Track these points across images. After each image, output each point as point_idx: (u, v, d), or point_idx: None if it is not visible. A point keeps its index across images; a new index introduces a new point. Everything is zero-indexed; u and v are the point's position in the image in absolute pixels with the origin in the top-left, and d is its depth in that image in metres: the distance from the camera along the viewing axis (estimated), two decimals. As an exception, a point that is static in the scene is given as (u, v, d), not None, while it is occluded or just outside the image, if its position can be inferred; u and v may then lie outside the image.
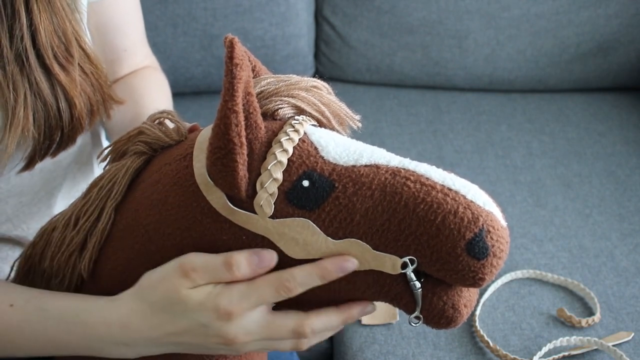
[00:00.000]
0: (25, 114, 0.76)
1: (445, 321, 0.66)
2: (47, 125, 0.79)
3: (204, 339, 0.68)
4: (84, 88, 0.81)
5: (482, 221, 0.62)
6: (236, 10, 1.50)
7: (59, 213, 0.77)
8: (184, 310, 0.67)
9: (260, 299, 0.66)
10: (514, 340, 1.06)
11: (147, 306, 0.69)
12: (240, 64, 0.61)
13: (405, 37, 1.56)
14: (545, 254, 1.20)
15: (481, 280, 0.63)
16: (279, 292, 0.65)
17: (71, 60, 0.79)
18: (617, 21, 1.54)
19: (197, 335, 0.68)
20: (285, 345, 0.69)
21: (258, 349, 0.69)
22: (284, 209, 0.65)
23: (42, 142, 0.80)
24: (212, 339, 0.67)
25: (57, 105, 0.78)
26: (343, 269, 0.65)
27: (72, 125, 0.81)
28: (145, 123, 0.74)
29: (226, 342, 0.67)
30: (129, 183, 0.72)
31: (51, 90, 0.78)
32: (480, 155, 1.43)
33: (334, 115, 0.72)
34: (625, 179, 1.37)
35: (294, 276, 0.65)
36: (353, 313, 0.69)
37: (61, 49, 0.78)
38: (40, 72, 0.77)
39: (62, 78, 0.78)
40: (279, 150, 0.65)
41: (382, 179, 0.64)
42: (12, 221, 0.90)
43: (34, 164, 0.82)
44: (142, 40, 1.03)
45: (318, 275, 0.65)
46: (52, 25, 0.77)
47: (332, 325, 0.69)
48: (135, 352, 0.71)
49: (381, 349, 1.06)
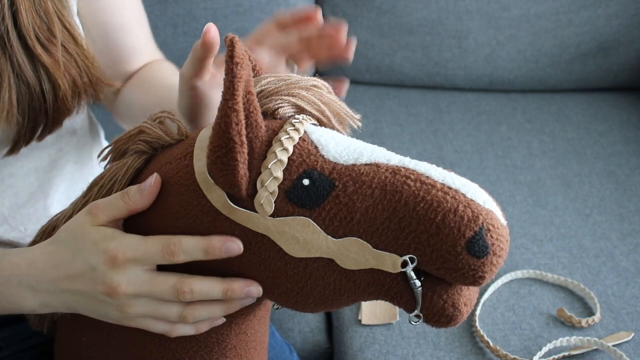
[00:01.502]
0: (9, 97, 0.76)
1: (445, 320, 0.66)
2: (31, 108, 0.78)
3: (92, 285, 0.68)
4: (69, 69, 0.80)
5: (482, 219, 0.62)
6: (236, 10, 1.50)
7: (60, 212, 0.77)
8: (81, 249, 0.68)
9: (146, 254, 0.67)
10: (514, 340, 1.06)
11: (55, 245, 0.70)
12: (240, 62, 0.61)
13: (405, 37, 1.56)
14: (545, 254, 1.20)
15: (481, 278, 0.63)
16: (164, 253, 0.67)
17: (54, 41, 0.78)
18: (617, 21, 1.54)
19: (87, 281, 0.68)
20: (171, 312, 0.69)
21: (144, 311, 0.69)
22: (284, 208, 0.65)
23: (27, 125, 0.79)
24: (98, 287, 0.68)
25: (40, 87, 0.78)
26: (228, 249, 0.66)
27: (56, 107, 0.80)
28: (146, 122, 0.74)
29: (109, 291, 0.67)
30: (130, 182, 0.73)
31: (34, 72, 0.77)
32: (480, 155, 1.43)
33: (334, 114, 0.72)
34: (625, 179, 1.37)
35: (180, 242, 0.66)
36: (234, 285, 0.68)
37: (43, 29, 0.77)
38: (22, 53, 0.76)
39: (44, 59, 0.77)
40: (279, 149, 0.65)
41: (382, 178, 0.64)
42: (9, 222, 0.89)
43: (18, 148, 0.82)
44: (148, 38, 1.03)
45: (203, 249, 0.66)
46: (34, 5, 0.76)
47: (213, 291, 0.68)
48: (41, 300, 0.71)
49: (381, 349, 1.06)
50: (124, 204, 0.68)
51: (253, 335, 0.76)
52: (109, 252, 0.67)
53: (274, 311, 1.14)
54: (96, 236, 0.68)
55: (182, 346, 0.74)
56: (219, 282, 0.68)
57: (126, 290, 0.67)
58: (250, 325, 0.75)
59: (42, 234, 0.77)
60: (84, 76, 0.82)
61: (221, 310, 0.70)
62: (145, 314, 0.69)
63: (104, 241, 0.68)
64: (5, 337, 0.91)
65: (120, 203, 0.68)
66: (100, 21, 0.93)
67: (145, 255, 0.67)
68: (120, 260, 0.67)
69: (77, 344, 0.78)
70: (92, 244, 0.68)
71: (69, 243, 0.69)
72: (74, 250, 0.69)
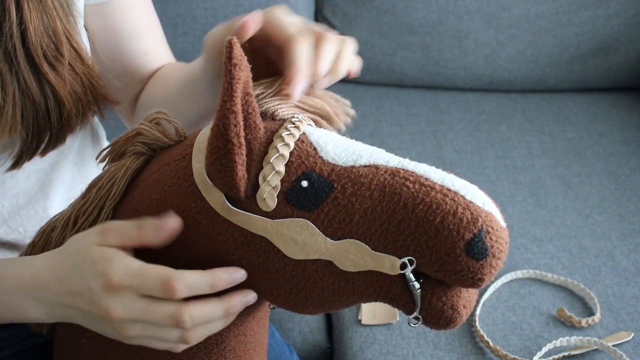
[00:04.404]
0: (13, 113, 0.76)
1: (444, 322, 0.66)
2: (35, 125, 0.78)
3: (89, 306, 0.67)
4: (74, 88, 0.80)
5: (481, 222, 0.62)
6: (236, 10, 1.49)
7: (58, 213, 0.77)
8: (81, 266, 0.67)
9: (142, 284, 0.65)
10: (514, 340, 1.06)
11: (60, 256, 0.69)
12: (238, 64, 0.61)
13: (405, 37, 1.55)
14: (545, 254, 1.20)
15: (480, 280, 0.63)
16: (164, 289, 0.64)
17: (61, 60, 0.78)
18: (617, 21, 1.54)
19: (85, 300, 0.67)
20: (171, 335, 0.67)
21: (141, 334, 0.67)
22: (283, 210, 0.65)
23: (30, 141, 0.79)
24: (94, 309, 0.66)
25: (45, 104, 0.78)
26: (234, 279, 0.66)
27: (60, 125, 0.80)
28: (143, 124, 0.74)
29: (103, 315, 0.66)
30: (128, 183, 0.72)
31: (40, 89, 0.77)
32: (480, 155, 1.43)
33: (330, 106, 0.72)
34: (625, 179, 1.37)
35: (185, 278, 0.65)
36: (234, 302, 0.68)
37: (51, 47, 0.77)
38: (29, 70, 0.76)
39: (51, 77, 0.77)
40: (280, 144, 0.65)
41: (381, 180, 0.64)
42: (9, 224, 0.89)
43: (21, 163, 0.81)
44: (163, 44, 1.01)
45: (208, 283, 0.65)
46: (42, 24, 0.76)
47: (214, 314, 0.67)
48: (45, 310, 0.70)
49: (381, 349, 1.06)
50: (136, 236, 0.66)
51: (252, 337, 0.76)
52: (105, 276, 0.65)
53: (273, 312, 1.14)
54: (96, 256, 0.66)
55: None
56: (219, 303, 0.67)
57: (122, 316, 0.66)
58: (249, 327, 0.75)
59: (41, 234, 0.77)
60: (89, 94, 0.82)
61: (222, 324, 0.69)
62: (144, 337, 0.68)
63: (101, 262, 0.66)
64: (5, 337, 0.91)
65: (133, 233, 0.67)
66: (111, 26, 0.92)
67: (141, 285, 0.65)
68: (115, 286, 0.65)
69: (76, 344, 0.78)
70: (91, 263, 0.66)
71: (72, 256, 0.68)
72: (75, 265, 0.67)
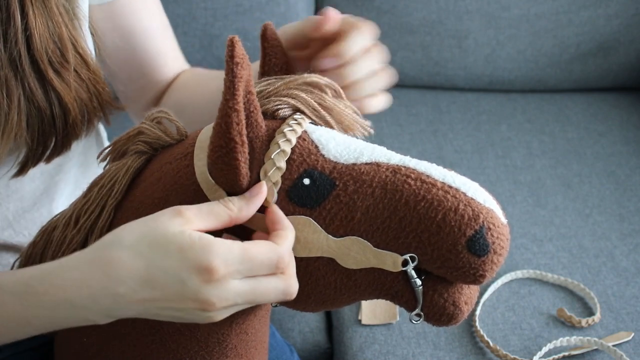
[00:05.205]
0: (18, 120, 0.75)
1: (446, 318, 0.66)
2: (41, 132, 0.78)
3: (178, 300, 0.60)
4: (80, 94, 0.80)
5: (482, 218, 0.63)
6: (236, 10, 1.50)
7: (60, 212, 0.77)
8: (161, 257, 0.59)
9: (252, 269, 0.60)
10: (514, 340, 1.06)
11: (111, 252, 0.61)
12: (240, 62, 0.61)
13: (405, 37, 1.56)
14: (545, 254, 1.20)
15: (482, 277, 0.64)
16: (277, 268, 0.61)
17: (66, 66, 0.78)
18: (617, 21, 1.54)
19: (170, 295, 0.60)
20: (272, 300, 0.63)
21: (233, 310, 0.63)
22: (285, 207, 0.65)
23: (36, 148, 0.79)
24: (189, 303, 0.60)
25: (51, 111, 0.77)
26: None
27: (66, 132, 0.80)
28: (144, 123, 0.74)
29: (204, 307, 0.60)
30: (130, 182, 0.72)
31: (45, 95, 0.77)
32: (480, 155, 1.43)
33: (337, 121, 0.71)
34: (625, 179, 1.37)
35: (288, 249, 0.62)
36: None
37: (56, 54, 0.77)
38: (34, 77, 0.76)
39: (56, 83, 0.77)
40: (282, 139, 0.65)
41: (383, 177, 0.65)
42: (14, 227, 0.89)
43: (27, 169, 0.81)
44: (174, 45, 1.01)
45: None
46: (48, 30, 0.76)
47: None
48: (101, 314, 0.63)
49: (381, 349, 1.06)
50: (226, 212, 0.62)
51: (254, 335, 0.76)
52: (203, 264, 0.58)
53: (273, 312, 1.14)
54: (182, 242, 0.59)
55: (183, 346, 0.73)
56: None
57: (226, 304, 0.61)
58: (251, 325, 0.75)
59: (42, 234, 0.76)
60: (94, 100, 0.82)
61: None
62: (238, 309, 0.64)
63: (192, 249, 0.59)
64: (4, 338, 0.90)
65: (222, 210, 0.61)
66: (120, 25, 0.92)
67: (251, 270, 0.60)
68: (219, 275, 0.59)
69: (77, 344, 0.78)
70: (177, 251, 0.59)
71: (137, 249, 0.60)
72: (149, 258, 0.60)
